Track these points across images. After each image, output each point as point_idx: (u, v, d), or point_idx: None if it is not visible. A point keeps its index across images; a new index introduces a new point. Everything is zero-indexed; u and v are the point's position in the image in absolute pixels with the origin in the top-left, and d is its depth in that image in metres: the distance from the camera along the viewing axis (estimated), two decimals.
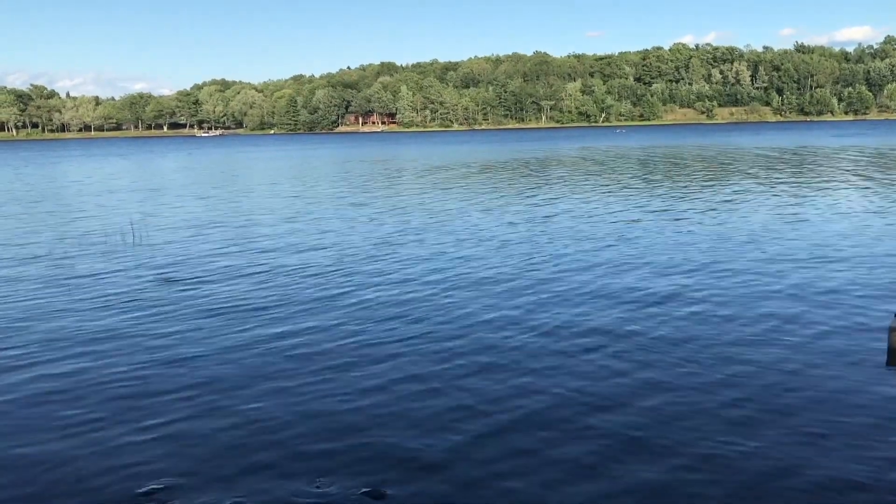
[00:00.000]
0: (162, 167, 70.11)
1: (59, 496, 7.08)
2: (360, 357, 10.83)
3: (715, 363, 10.17)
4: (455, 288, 15.01)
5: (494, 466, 7.46)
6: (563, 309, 13.14)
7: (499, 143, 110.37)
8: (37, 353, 11.37)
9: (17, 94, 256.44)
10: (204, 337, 12.00)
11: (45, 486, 7.29)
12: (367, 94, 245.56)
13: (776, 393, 9.07)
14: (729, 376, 9.66)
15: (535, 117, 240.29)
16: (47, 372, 10.50)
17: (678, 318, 12.41)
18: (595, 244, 19.74)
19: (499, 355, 10.76)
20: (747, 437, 7.91)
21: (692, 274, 15.77)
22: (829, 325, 11.77)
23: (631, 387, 9.39)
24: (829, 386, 9.28)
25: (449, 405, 8.99)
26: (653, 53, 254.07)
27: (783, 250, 18.14)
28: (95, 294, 15.24)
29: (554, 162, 60.21)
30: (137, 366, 10.65)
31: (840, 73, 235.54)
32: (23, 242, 22.83)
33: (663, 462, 7.42)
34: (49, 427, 8.62)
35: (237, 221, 26.80)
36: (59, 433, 8.46)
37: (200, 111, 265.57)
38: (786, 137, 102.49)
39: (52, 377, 10.28)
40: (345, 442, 8.07)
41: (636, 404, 8.84)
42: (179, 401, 9.32)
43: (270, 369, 10.41)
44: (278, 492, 7.05)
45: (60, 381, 10.10)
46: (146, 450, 7.99)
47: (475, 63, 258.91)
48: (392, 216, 27.04)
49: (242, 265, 18.03)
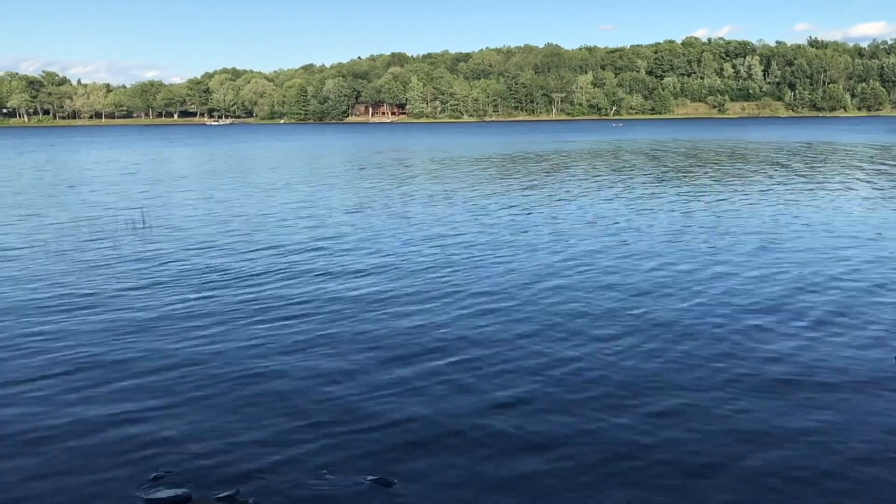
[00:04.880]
0: (176, 155, 70.34)
1: (68, 475, 7.28)
2: (374, 347, 11.01)
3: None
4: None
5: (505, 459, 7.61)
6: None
7: (511, 135, 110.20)
8: (44, 335, 11.58)
9: (28, 81, 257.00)
10: (211, 323, 12.16)
11: (52, 464, 7.49)
12: (377, 84, 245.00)
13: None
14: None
15: (546, 110, 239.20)
16: (56, 355, 10.72)
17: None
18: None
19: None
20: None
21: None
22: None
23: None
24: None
25: (463, 393, 9.16)
26: (665, 47, 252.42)
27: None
28: (106, 277, 15.45)
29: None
30: (145, 352, 10.85)
31: (854, 69, 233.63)
32: (35, 225, 23.10)
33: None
34: (57, 403, 8.83)
35: (250, 211, 26.96)
36: (68, 409, 8.67)
37: (211, 100, 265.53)
38: (808, 132, 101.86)
39: (60, 360, 10.51)
40: (355, 429, 8.24)
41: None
42: (186, 387, 9.50)
43: (279, 356, 10.57)
44: (288, 478, 7.21)
45: (69, 362, 10.32)
46: (158, 431, 8.17)
47: (486, 54, 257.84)
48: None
49: (252, 251, 18.22)
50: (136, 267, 17.01)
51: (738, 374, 9.77)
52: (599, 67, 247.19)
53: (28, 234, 22.21)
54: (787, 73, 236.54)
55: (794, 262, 16.65)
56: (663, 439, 7.96)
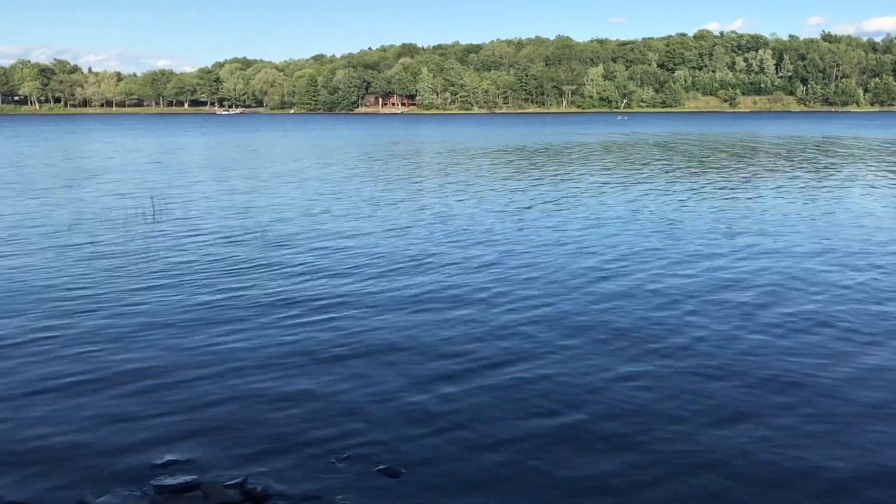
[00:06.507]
0: (186, 144, 70.49)
1: (77, 463, 7.34)
2: (381, 340, 11.03)
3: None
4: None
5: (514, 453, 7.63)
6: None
7: (524, 127, 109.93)
8: (53, 322, 11.66)
9: (40, 69, 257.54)
10: (219, 314, 12.22)
11: (61, 451, 7.55)
12: (387, 75, 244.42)
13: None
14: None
15: (557, 102, 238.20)
16: (63, 336, 10.78)
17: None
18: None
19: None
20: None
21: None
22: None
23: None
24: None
25: (471, 388, 9.18)
26: (676, 40, 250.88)
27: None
28: (115, 266, 15.52)
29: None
30: (155, 341, 10.90)
31: (867, 64, 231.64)
32: (46, 213, 23.21)
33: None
34: (65, 394, 8.90)
35: (259, 201, 27.02)
36: (75, 400, 8.73)
37: (221, 89, 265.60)
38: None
39: (65, 342, 10.57)
40: (362, 419, 8.26)
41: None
42: (196, 377, 9.55)
43: (286, 348, 10.61)
44: (296, 468, 7.25)
45: (76, 351, 10.38)
46: (165, 422, 8.22)
47: (497, 46, 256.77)
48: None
49: (261, 241, 18.27)
50: (140, 256, 17.08)
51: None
52: (610, 60, 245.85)
53: (45, 220, 22.33)
54: (800, 67, 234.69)
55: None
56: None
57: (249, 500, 6.67)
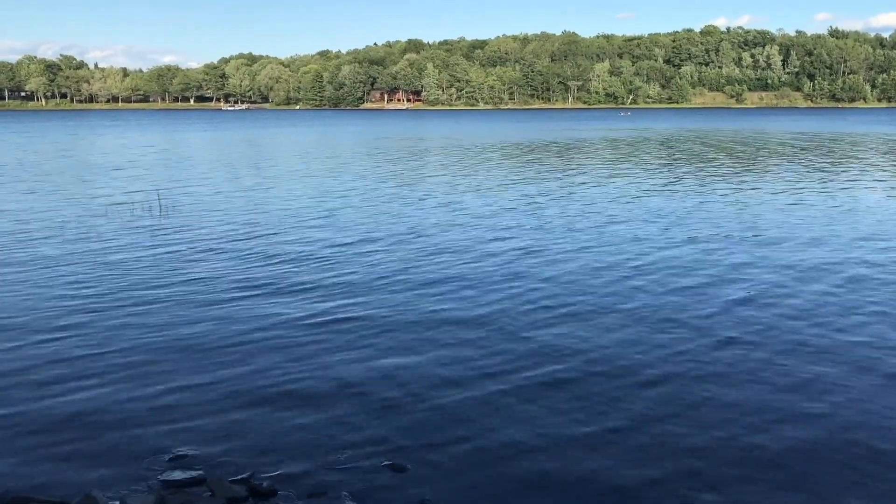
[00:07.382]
0: (193, 139, 70.61)
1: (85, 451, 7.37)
2: (387, 333, 11.04)
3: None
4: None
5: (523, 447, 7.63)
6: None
7: (531, 122, 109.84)
8: (63, 317, 11.70)
9: (46, 65, 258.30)
10: (225, 310, 12.25)
11: (69, 445, 7.57)
12: (392, 71, 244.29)
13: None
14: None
15: (562, 98, 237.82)
16: (73, 333, 10.82)
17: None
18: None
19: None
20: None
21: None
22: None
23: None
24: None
25: (476, 384, 9.18)
26: (683, 36, 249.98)
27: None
28: (120, 261, 15.56)
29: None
30: (162, 335, 10.93)
31: (874, 59, 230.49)
32: (53, 209, 23.28)
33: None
34: (76, 387, 8.93)
35: (267, 197, 27.05)
36: (81, 394, 8.75)
37: (227, 85, 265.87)
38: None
39: (75, 340, 10.60)
40: (369, 415, 8.27)
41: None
42: (202, 373, 9.57)
43: (295, 343, 10.63)
44: (302, 464, 7.26)
45: (82, 344, 10.41)
46: (172, 418, 8.24)
47: (503, 42, 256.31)
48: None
49: (267, 238, 18.29)
50: (147, 251, 17.12)
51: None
52: (616, 56, 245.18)
53: (48, 216, 22.40)
54: (807, 63, 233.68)
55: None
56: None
57: (256, 496, 6.68)
